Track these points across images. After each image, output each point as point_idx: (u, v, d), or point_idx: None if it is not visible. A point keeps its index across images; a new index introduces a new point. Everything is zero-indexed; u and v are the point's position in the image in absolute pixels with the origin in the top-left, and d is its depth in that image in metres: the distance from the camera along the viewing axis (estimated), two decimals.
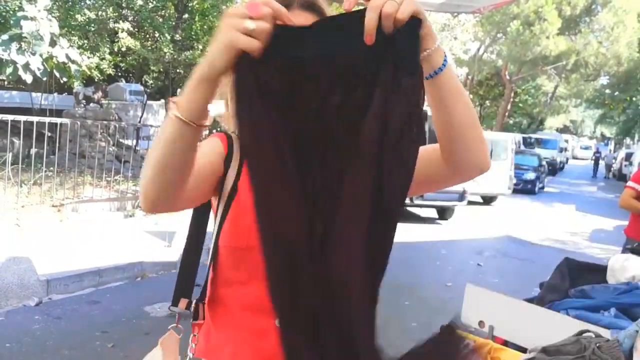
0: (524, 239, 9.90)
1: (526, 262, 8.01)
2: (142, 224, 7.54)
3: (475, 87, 27.41)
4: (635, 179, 4.47)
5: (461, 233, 10.03)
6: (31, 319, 4.32)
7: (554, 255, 5.13)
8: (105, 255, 5.75)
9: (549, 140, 28.56)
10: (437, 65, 0.94)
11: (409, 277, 6.22)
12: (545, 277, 2.67)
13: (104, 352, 3.82)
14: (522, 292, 2.61)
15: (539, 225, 11.66)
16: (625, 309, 2.07)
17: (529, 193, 17.72)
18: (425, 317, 5.08)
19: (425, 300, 5.61)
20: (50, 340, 3.93)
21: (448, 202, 11.02)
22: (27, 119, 7.10)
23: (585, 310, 2.09)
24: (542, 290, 2.51)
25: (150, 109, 14.77)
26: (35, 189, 7.37)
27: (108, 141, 9.50)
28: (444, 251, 8.31)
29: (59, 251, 5.75)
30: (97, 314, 4.55)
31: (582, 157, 38.69)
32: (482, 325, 2.10)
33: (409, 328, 4.77)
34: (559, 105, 36.47)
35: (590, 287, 2.27)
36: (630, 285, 2.21)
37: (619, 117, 37.24)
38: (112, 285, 5.34)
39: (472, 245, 8.93)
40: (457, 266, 7.39)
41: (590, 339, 1.54)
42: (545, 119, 39.55)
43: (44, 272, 4.91)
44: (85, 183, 8.01)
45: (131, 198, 8.30)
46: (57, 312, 4.51)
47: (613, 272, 2.42)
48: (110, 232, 6.92)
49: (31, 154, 7.99)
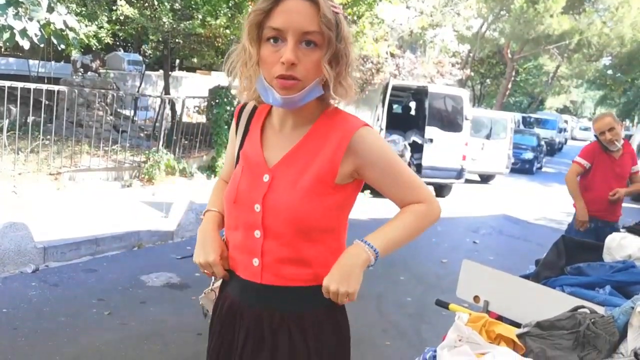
0: (520, 218, 9.94)
1: (522, 240, 8.05)
2: (139, 194, 7.53)
3: (477, 64, 27.18)
4: (583, 154, 4.44)
5: (458, 211, 10.05)
6: (28, 285, 4.34)
7: (550, 234, 5.16)
8: (102, 224, 5.75)
9: (549, 120, 28.44)
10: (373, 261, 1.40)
11: (404, 253, 6.24)
12: (541, 255, 2.68)
13: (100, 319, 3.85)
14: (517, 270, 2.62)
15: (535, 204, 11.70)
16: (620, 286, 2.08)
17: (526, 173, 17.73)
18: (420, 292, 5.12)
19: (421, 276, 5.65)
20: (47, 307, 3.95)
21: (446, 180, 11.03)
22: (24, 86, 7.02)
23: (581, 287, 2.09)
24: (537, 267, 2.52)
25: (148, 79, 14.64)
26: (32, 156, 7.33)
27: (106, 110, 9.42)
28: (440, 228, 8.33)
29: (56, 219, 5.75)
30: (93, 282, 4.57)
31: (581, 138, 38.54)
32: (477, 301, 2.12)
33: (404, 303, 4.81)
34: (560, 85, 36.25)
35: (586, 264, 2.28)
36: (626, 264, 2.22)
37: (619, 99, 37.09)
38: (109, 254, 5.35)
39: (469, 223, 8.96)
40: (453, 243, 7.42)
41: (585, 315, 1.55)
42: (546, 99, 39.35)
43: (41, 240, 4.92)
44: (82, 152, 7.97)
45: (128, 168, 8.28)
46: (53, 279, 4.53)
47: (609, 250, 2.43)
48: (108, 201, 6.92)
49: (28, 122, 7.92)
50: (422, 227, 1.46)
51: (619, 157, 4.30)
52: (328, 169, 1.37)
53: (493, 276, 2.11)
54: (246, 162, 1.47)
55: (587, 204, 4.29)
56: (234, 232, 1.47)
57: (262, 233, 1.39)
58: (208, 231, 1.52)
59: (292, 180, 1.38)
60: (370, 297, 4.71)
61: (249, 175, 1.45)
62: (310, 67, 1.32)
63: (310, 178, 1.37)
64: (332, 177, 1.38)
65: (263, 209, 1.39)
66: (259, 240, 1.40)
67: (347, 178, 1.40)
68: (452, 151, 10.65)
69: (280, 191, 1.38)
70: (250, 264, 1.42)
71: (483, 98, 31.26)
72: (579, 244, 2.57)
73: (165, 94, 11.63)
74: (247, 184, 1.44)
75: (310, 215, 1.36)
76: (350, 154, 1.38)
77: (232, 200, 1.45)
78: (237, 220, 1.45)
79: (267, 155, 1.44)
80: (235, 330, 1.46)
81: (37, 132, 7.57)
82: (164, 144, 9.07)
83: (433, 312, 4.19)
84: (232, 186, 1.47)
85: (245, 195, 1.42)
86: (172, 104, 11.09)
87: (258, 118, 1.51)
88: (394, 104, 12.69)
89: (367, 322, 4.18)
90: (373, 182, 1.45)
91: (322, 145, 1.39)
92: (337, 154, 1.38)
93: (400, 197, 1.46)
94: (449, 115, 11.09)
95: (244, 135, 1.52)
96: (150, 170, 8.22)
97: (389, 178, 1.44)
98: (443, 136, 10.70)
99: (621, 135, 4.29)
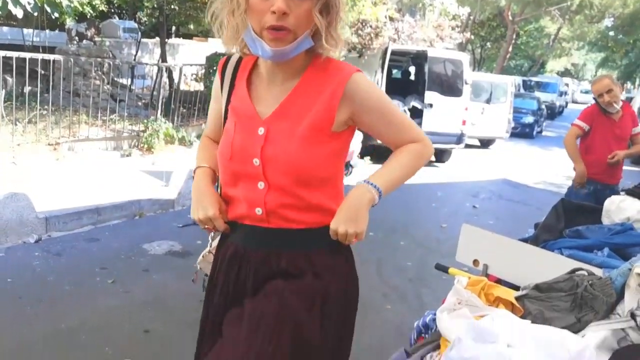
0: (520, 182, 9.95)
1: (521, 204, 8.08)
2: (139, 164, 7.53)
3: (477, 27, 26.79)
4: (582, 117, 4.42)
5: (457, 176, 10.06)
6: (31, 255, 4.37)
7: (549, 198, 5.17)
8: (103, 194, 5.76)
9: (549, 83, 28.20)
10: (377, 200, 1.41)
11: (404, 218, 6.29)
12: (540, 219, 2.69)
13: (104, 287, 3.89)
14: (517, 234, 2.64)
15: (535, 168, 11.70)
16: (618, 249, 2.09)
17: (526, 137, 17.68)
18: (419, 256, 5.16)
19: (420, 241, 5.69)
20: (51, 276, 4.00)
21: (445, 145, 11.00)
22: (19, 55, 6.94)
23: (579, 250, 2.11)
24: (536, 231, 2.53)
25: (144, 47, 14.47)
26: (30, 127, 7.29)
27: (102, 79, 9.34)
28: (440, 193, 8.36)
29: (57, 189, 5.77)
30: (96, 251, 4.61)
31: (582, 101, 38.25)
32: (477, 264, 2.13)
33: (404, 267, 4.86)
34: (561, 47, 35.79)
35: (585, 227, 2.29)
36: (624, 226, 2.23)
37: (621, 61, 36.67)
38: (111, 224, 5.38)
39: (468, 188, 8.98)
40: (453, 208, 7.45)
41: (583, 277, 1.57)
42: (547, 61, 38.92)
43: (42, 210, 4.93)
44: (80, 122, 7.94)
45: (127, 137, 8.25)
46: (56, 248, 4.56)
47: (608, 213, 2.44)
48: (107, 171, 6.92)
49: (25, 92, 7.86)
50: (418, 165, 1.50)
51: (619, 119, 4.28)
52: (325, 117, 1.37)
53: (492, 240, 2.12)
54: (237, 117, 1.45)
55: (587, 166, 4.29)
56: (232, 188, 1.46)
57: (265, 184, 1.39)
58: (202, 187, 1.51)
59: (289, 131, 1.38)
60: (371, 261, 4.76)
61: (242, 130, 1.43)
62: (301, 16, 1.30)
63: (308, 127, 1.37)
64: (329, 125, 1.38)
65: (262, 162, 1.38)
66: (262, 191, 1.40)
67: (343, 125, 1.41)
68: (452, 116, 10.60)
69: (277, 143, 1.38)
70: (253, 213, 1.42)
71: (483, 62, 30.90)
72: (578, 207, 2.58)
73: (162, 61, 11.52)
74: (241, 139, 1.42)
75: (309, 164, 1.37)
76: (346, 100, 1.38)
77: (227, 157, 1.44)
78: (235, 176, 1.44)
79: (259, 108, 1.43)
80: (241, 274, 1.46)
81: (34, 102, 7.51)
82: (162, 113, 9.02)
83: (433, 276, 4.24)
84: (226, 143, 1.45)
85: (241, 151, 1.41)
86: (170, 72, 10.98)
87: (243, 71, 1.48)
88: (393, 69, 12.58)
89: (367, 286, 4.23)
90: (368, 126, 1.46)
91: (317, 94, 1.39)
92: (333, 102, 1.38)
93: (395, 139, 1.49)
94: (449, 80, 10.99)
95: (230, 90, 1.50)
96: (149, 140, 8.20)
97: (384, 121, 1.45)
98: (443, 101, 10.62)
99: (620, 97, 4.25)
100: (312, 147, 1.37)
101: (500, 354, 1.18)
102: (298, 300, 1.37)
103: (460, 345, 1.23)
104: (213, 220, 1.46)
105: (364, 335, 3.29)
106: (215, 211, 1.45)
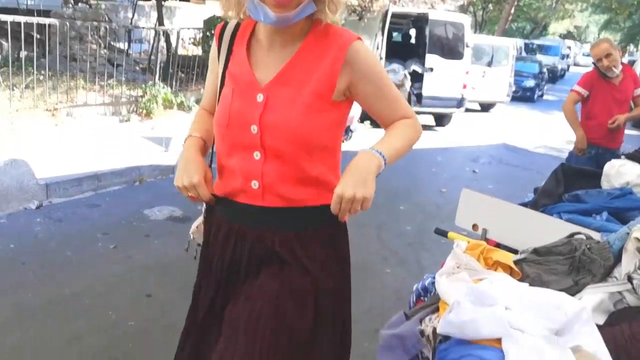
0: (520, 147, 9.94)
1: (521, 169, 8.09)
2: (138, 129, 7.49)
3: None
4: (581, 83, 4.38)
5: (457, 140, 10.04)
6: (33, 221, 4.39)
7: (549, 163, 5.18)
8: (103, 160, 5.76)
9: (551, 46, 27.87)
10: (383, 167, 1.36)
11: (404, 183, 6.30)
12: (540, 183, 2.70)
13: (106, 253, 3.93)
14: (516, 198, 2.64)
15: (535, 132, 11.67)
16: (617, 212, 2.10)
17: (527, 101, 17.57)
18: (419, 221, 5.19)
19: (420, 205, 5.72)
20: (53, 242, 4.03)
21: (446, 109, 10.94)
22: (14, 19, 6.82)
23: (578, 214, 2.12)
24: (536, 195, 2.54)
25: (141, 10, 14.23)
26: (27, 92, 7.23)
27: (99, 44, 9.21)
28: (440, 158, 8.35)
29: (56, 156, 5.75)
30: (97, 217, 4.63)
31: (584, 64, 37.84)
32: (476, 229, 2.14)
33: (403, 231, 4.89)
34: (564, 9, 35.22)
35: (584, 191, 2.29)
36: (623, 190, 2.23)
37: (624, 23, 36.07)
38: (111, 190, 5.39)
39: (468, 152, 8.97)
40: (452, 173, 7.46)
41: (581, 241, 1.58)
42: (549, 24, 38.34)
43: (43, 176, 4.94)
44: (78, 87, 7.86)
45: (125, 103, 8.19)
46: (57, 215, 4.58)
47: (608, 177, 2.44)
48: (107, 136, 6.89)
49: (21, 57, 7.76)
50: (415, 139, 1.49)
51: (619, 82, 4.24)
52: (326, 84, 1.36)
53: (492, 204, 2.12)
54: (235, 84, 1.42)
55: (588, 132, 4.27)
56: (227, 158, 1.43)
57: (262, 154, 1.37)
58: (189, 154, 1.47)
59: (290, 97, 1.35)
60: (371, 226, 4.79)
61: (240, 96, 1.40)
62: None
63: (309, 94, 1.35)
64: (330, 92, 1.37)
65: (261, 130, 1.35)
66: (259, 162, 1.37)
67: (341, 95, 1.40)
68: (452, 80, 10.51)
69: (277, 110, 1.35)
70: (249, 187, 1.40)
71: (485, 24, 30.42)
72: (578, 171, 2.58)
73: (159, 25, 11.33)
74: (239, 106, 1.39)
75: (311, 132, 1.35)
76: (347, 67, 1.37)
77: (224, 125, 1.40)
78: (231, 145, 1.41)
79: (258, 74, 1.40)
80: (236, 252, 1.45)
81: (31, 67, 7.42)
82: (160, 78, 8.93)
83: (432, 240, 4.27)
84: (223, 109, 1.41)
85: (239, 118, 1.38)
86: (167, 35, 10.83)
87: (241, 37, 1.45)
88: (394, 32, 12.39)
89: (367, 250, 4.27)
90: (364, 97, 1.43)
91: (318, 60, 1.37)
92: (335, 68, 1.36)
93: (387, 114, 1.47)
94: (450, 43, 10.85)
95: (228, 56, 1.46)
96: (148, 105, 8.14)
97: (380, 94, 1.44)
98: (444, 64, 10.51)
99: (619, 61, 4.21)
100: (314, 115, 1.35)
101: (498, 317, 1.20)
102: (293, 306, 1.37)
103: (459, 308, 1.24)
104: (197, 187, 1.42)
105: (364, 299, 3.34)
106: (199, 178, 1.41)
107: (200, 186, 1.42)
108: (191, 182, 1.41)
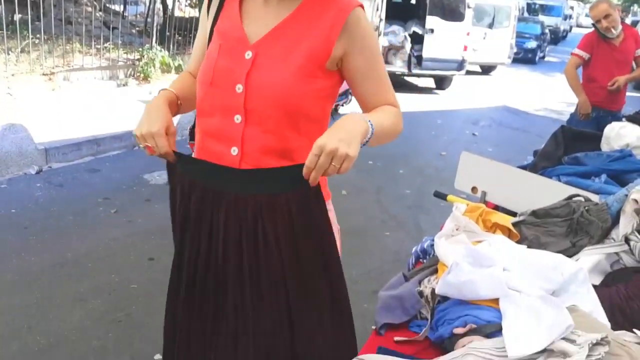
0: (521, 109, 9.89)
1: (521, 131, 8.07)
2: (136, 93, 7.44)
3: None
4: (581, 46, 4.33)
5: (458, 103, 9.98)
6: (33, 186, 4.41)
7: (550, 125, 5.15)
8: (101, 125, 5.73)
9: (554, 6, 27.39)
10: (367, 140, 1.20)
11: (404, 146, 6.29)
12: (540, 146, 2.69)
13: (107, 217, 3.95)
14: (516, 161, 2.65)
15: (536, 95, 11.60)
16: (616, 175, 2.10)
17: (529, 62, 17.41)
18: (419, 184, 5.21)
19: (420, 169, 5.73)
20: (54, 207, 4.04)
21: (446, 72, 10.83)
22: None
23: (577, 176, 2.12)
24: (535, 158, 2.54)
25: None
26: (23, 57, 7.14)
27: (94, 6, 9.05)
28: (440, 121, 8.32)
29: (54, 120, 5.73)
30: (97, 182, 4.64)
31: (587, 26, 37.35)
32: (475, 191, 2.15)
33: (403, 195, 4.92)
34: None
35: (584, 154, 2.29)
36: (623, 152, 2.23)
37: None
38: (111, 154, 5.39)
39: (468, 115, 8.93)
40: (452, 136, 7.44)
41: (580, 203, 1.59)
42: None
43: (41, 141, 4.93)
44: (74, 51, 7.76)
45: (123, 67, 8.10)
46: (58, 179, 4.59)
47: (608, 139, 2.43)
48: (104, 101, 6.84)
49: (15, 20, 7.64)
50: (398, 131, 1.36)
51: (620, 43, 4.20)
52: (322, 47, 1.27)
53: (491, 167, 2.13)
54: (223, 39, 1.33)
55: (590, 94, 4.25)
56: (208, 118, 1.33)
57: (243, 117, 1.27)
58: (156, 103, 1.32)
59: (280, 57, 1.26)
60: (370, 190, 4.80)
61: (227, 53, 1.30)
62: None
63: (302, 55, 1.25)
64: (325, 57, 1.27)
65: (246, 90, 1.26)
66: (239, 126, 1.27)
67: (334, 65, 1.30)
68: (453, 41, 10.37)
69: (266, 69, 1.26)
70: (227, 153, 1.29)
71: None
72: (578, 134, 2.57)
73: None
74: (225, 62, 1.29)
75: (299, 97, 1.25)
76: (345, 34, 1.27)
77: (207, 82, 1.30)
78: (213, 104, 1.31)
79: (248, 30, 1.31)
80: (212, 217, 1.34)
81: (26, 30, 7.31)
82: (157, 41, 8.81)
83: (431, 203, 4.29)
84: (208, 66, 1.32)
85: (224, 76, 1.28)
86: None
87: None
88: None
89: (367, 214, 4.30)
90: (353, 73, 1.32)
91: (315, 20, 1.28)
92: (333, 32, 1.27)
93: (373, 96, 1.35)
94: (451, 4, 10.67)
95: (219, 12, 1.36)
96: (145, 69, 8.06)
97: (370, 72, 1.34)
98: (444, 26, 10.36)
99: (619, 22, 4.15)
100: (305, 79, 1.25)
101: (496, 278, 1.22)
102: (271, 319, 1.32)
103: (457, 269, 1.26)
104: (155, 137, 1.25)
105: (363, 261, 3.38)
106: (160, 127, 1.25)
107: (159, 136, 1.25)
108: (149, 131, 1.26)
